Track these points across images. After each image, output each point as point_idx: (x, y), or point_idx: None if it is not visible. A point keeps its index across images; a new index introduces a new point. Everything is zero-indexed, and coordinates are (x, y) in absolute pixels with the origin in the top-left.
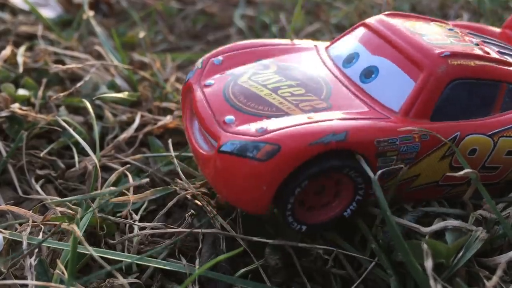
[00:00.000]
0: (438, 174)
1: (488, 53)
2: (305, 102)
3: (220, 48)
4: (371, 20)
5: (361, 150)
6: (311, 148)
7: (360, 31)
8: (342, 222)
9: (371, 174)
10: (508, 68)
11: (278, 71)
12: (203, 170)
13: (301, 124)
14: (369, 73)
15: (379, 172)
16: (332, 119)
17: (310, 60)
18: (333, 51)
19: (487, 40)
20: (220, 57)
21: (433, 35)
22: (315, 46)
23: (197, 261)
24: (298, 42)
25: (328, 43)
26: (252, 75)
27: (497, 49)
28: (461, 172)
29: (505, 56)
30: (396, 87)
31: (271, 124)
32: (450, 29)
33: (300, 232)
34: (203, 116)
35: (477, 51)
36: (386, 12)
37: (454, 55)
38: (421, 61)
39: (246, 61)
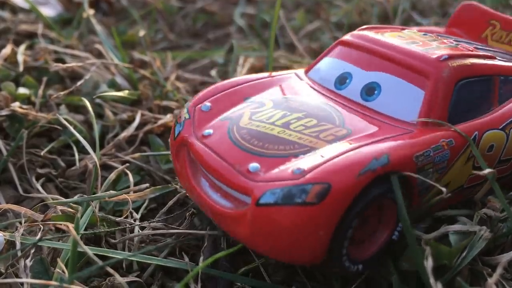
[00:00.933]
0: (464, 178)
1: (472, 51)
2: (324, 132)
3: (201, 93)
4: (350, 38)
5: (403, 170)
6: (360, 179)
7: (341, 50)
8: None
9: (398, 191)
10: (494, 62)
11: (276, 106)
12: (231, 229)
13: (338, 156)
14: (370, 90)
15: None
16: (365, 145)
17: (299, 89)
18: (316, 75)
19: (458, 40)
20: (207, 103)
21: (417, 42)
22: (295, 74)
23: (201, 259)
24: (276, 73)
25: (302, 70)
26: (252, 115)
27: (473, 46)
28: (484, 172)
29: (482, 52)
30: (405, 99)
31: (305, 162)
32: (424, 34)
33: (359, 273)
34: (219, 170)
35: (464, 50)
36: (361, 27)
37: (451, 57)
38: (424, 68)
39: (234, 102)
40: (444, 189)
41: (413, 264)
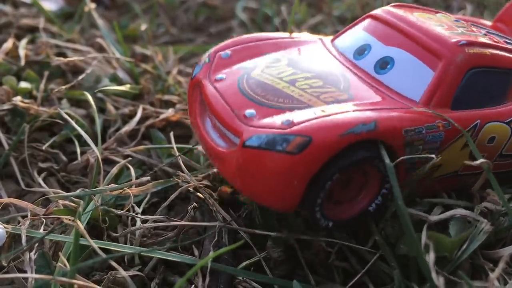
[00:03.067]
0: (458, 164)
1: (499, 42)
2: (326, 93)
3: (225, 42)
4: (379, 12)
5: (389, 140)
6: (343, 139)
7: (368, 23)
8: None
9: (387, 160)
10: None
11: (290, 64)
12: (220, 167)
13: (329, 115)
14: (384, 64)
15: (400, 158)
16: (359, 110)
17: (319, 53)
18: (340, 43)
19: (491, 31)
20: (227, 51)
21: (443, 25)
22: (320, 39)
23: (202, 253)
24: (302, 35)
25: (331, 37)
26: (265, 68)
27: (503, 39)
28: (477, 162)
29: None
30: (414, 77)
31: (297, 116)
32: (456, 20)
33: (327, 229)
34: (220, 111)
35: (488, 40)
36: (392, 4)
37: (471, 43)
38: (439, 50)
39: (254, 54)
40: (433, 156)
41: (412, 249)
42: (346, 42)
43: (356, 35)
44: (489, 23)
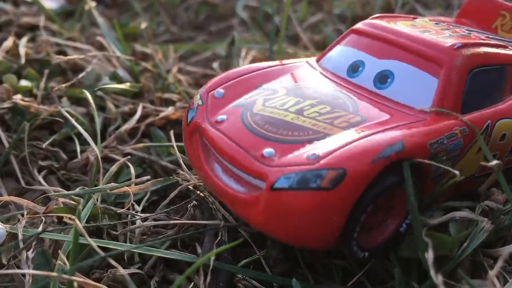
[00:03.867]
0: (475, 167)
1: (484, 40)
2: (338, 118)
3: (214, 80)
4: (362, 26)
5: (417, 157)
6: (374, 166)
7: (353, 38)
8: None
9: (409, 184)
10: (506, 51)
11: (289, 93)
12: (243, 213)
13: (352, 142)
14: (383, 78)
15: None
16: (379, 131)
17: (311, 76)
18: (328, 63)
19: (470, 29)
20: (220, 90)
21: (430, 30)
22: (307, 62)
23: (202, 251)
24: (288, 61)
25: (314, 58)
26: (265, 102)
27: (485, 36)
28: (492, 163)
29: (495, 41)
30: (418, 87)
31: (320, 147)
32: (436, 23)
33: (365, 260)
34: (234, 155)
35: (477, 39)
36: (373, 16)
37: (465, 45)
38: (437, 56)
39: (247, 89)
40: (457, 172)
41: (414, 252)
42: (335, 61)
43: (345, 52)
44: (451, 20)
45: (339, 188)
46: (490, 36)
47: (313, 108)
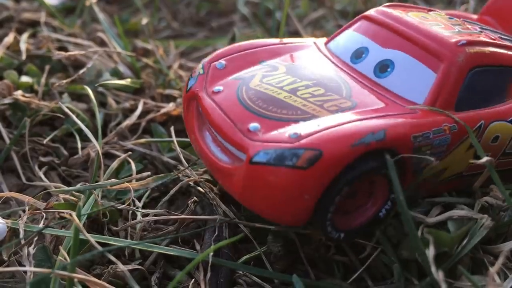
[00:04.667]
0: (463, 165)
1: (495, 39)
2: (329, 102)
3: (218, 51)
4: (373, 13)
5: (398, 148)
6: (353, 150)
7: (363, 24)
8: (377, 223)
9: (393, 169)
10: None
11: (288, 72)
12: (225, 183)
13: (335, 126)
14: (384, 67)
15: (397, 156)
16: (365, 118)
17: (315, 58)
18: (335, 47)
19: (484, 27)
20: (222, 61)
21: (440, 24)
22: (314, 42)
23: (202, 247)
24: (296, 40)
25: (324, 39)
26: (263, 78)
27: (498, 36)
28: (482, 160)
29: (507, 42)
30: (416, 80)
31: (303, 128)
32: (450, 18)
33: (340, 241)
34: (222, 125)
35: (486, 38)
36: (386, 4)
37: (470, 43)
38: (439, 51)
39: (249, 63)
40: (432, 159)
41: (413, 253)
42: (342, 45)
43: (352, 37)
44: (474, 16)
45: (313, 168)
46: (504, 37)
47: (307, 89)
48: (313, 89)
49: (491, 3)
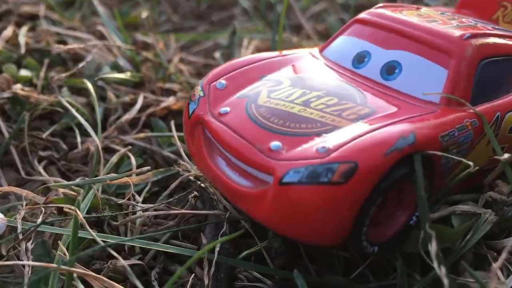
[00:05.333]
0: (484, 160)
1: (492, 30)
2: (346, 110)
3: (214, 71)
4: (367, 15)
5: (429, 150)
6: (388, 158)
7: (358, 28)
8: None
9: (420, 176)
10: None
11: (294, 84)
12: (249, 209)
13: (363, 135)
14: (391, 69)
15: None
16: (391, 123)
17: (315, 67)
18: (332, 54)
19: (476, 20)
20: (222, 81)
21: (437, 20)
22: (310, 52)
23: (203, 242)
24: (290, 52)
25: (317, 48)
26: (270, 93)
27: (490, 26)
28: (505, 156)
29: (501, 32)
30: (427, 78)
31: (329, 140)
32: (442, 13)
33: (374, 255)
34: (238, 148)
35: (485, 30)
36: (377, 5)
37: (474, 36)
38: (447, 47)
39: (250, 80)
40: (471, 163)
41: (417, 246)
42: (340, 51)
43: (349, 42)
44: (451, 10)
45: (351, 182)
46: (496, 27)
47: (320, 99)
48: (326, 99)
49: None
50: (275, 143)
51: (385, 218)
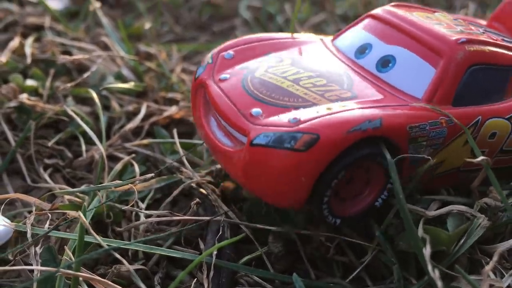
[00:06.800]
0: (460, 160)
1: (497, 40)
2: (330, 92)
3: (228, 42)
4: (379, 11)
5: (394, 137)
6: (349, 136)
7: (368, 22)
8: (374, 212)
9: (388, 156)
10: None
11: (293, 63)
12: (227, 165)
13: (334, 113)
14: (386, 62)
15: (400, 156)
16: (364, 107)
17: (321, 52)
18: (340, 43)
19: (488, 30)
20: (230, 52)
21: (442, 23)
22: (321, 39)
23: (204, 247)
24: (303, 35)
25: (331, 37)
26: (268, 68)
27: (500, 37)
28: (478, 159)
29: (508, 43)
30: (416, 75)
31: (303, 114)
32: (454, 19)
33: (335, 226)
34: (226, 110)
35: (487, 38)
36: (392, 3)
37: (470, 41)
38: (440, 48)
39: (256, 54)
40: (429, 158)
41: (410, 245)
42: (347, 42)
43: (357, 34)
44: (484, 22)
45: (311, 151)
46: (506, 39)
47: (310, 79)
48: (315, 80)
49: (500, 10)
50: (256, 110)
51: (351, 195)
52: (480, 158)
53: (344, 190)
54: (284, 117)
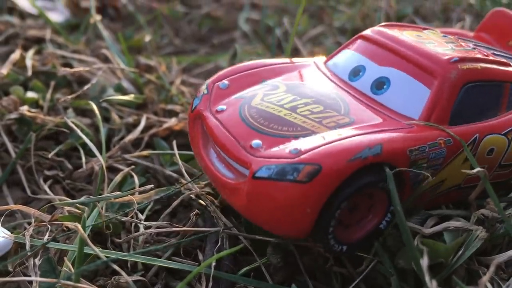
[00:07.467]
0: (460, 177)
1: (488, 56)
2: (328, 118)
3: (221, 72)
4: (370, 33)
5: (395, 162)
6: (350, 165)
7: (360, 44)
8: (379, 235)
9: (392, 183)
10: (507, 68)
11: (288, 90)
12: (230, 198)
13: (334, 141)
14: (380, 84)
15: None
16: (362, 134)
17: (315, 76)
18: (333, 65)
19: (478, 44)
20: (225, 81)
21: (434, 42)
22: (314, 62)
23: (203, 259)
24: (296, 60)
25: (323, 58)
26: (264, 96)
27: (491, 52)
28: (474, 171)
29: (500, 58)
30: (411, 96)
31: (303, 144)
32: (444, 36)
33: (342, 253)
34: (225, 142)
35: (478, 54)
36: (382, 24)
37: (462, 60)
38: (432, 68)
39: (251, 83)
40: (428, 175)
41: (409, 262)
42: (340, 64)
43: (350, 56)
44: (470, 33)
45: (314, 182)
46: (497, 53)
47: (306, 106)
48: (312, 107)
49: (486, 20)
50: (256, 141)
51: (355, 221)
52: (477, 169)
53: (347, 218)
54: (285, 148)
